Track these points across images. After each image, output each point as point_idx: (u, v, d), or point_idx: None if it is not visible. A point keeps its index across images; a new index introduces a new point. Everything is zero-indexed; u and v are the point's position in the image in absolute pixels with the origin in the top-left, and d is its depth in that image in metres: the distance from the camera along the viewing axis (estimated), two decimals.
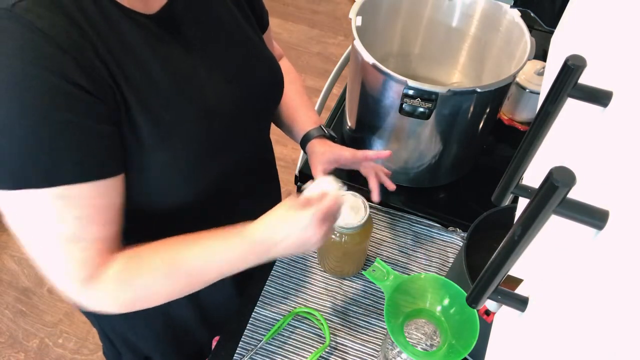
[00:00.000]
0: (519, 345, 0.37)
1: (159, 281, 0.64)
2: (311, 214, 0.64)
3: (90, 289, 0.61)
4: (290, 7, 2.93)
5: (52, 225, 0.57)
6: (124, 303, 0.65)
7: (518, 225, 0.30)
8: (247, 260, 0.66)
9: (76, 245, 0.58)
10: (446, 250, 0.98)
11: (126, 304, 0.65)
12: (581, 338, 0.27)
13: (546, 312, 0.33)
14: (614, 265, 0.26)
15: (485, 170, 1.12)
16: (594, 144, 0.35)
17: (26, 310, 1.77)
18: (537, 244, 0.34)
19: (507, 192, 0.42)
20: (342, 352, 0.86)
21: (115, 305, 0.65)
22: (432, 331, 0.76)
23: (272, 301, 0.91)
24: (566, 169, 0.26)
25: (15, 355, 1.67)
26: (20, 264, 1.87)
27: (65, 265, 0.60)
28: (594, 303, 0.27)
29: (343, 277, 0.94)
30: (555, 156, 0.44)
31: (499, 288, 0.37)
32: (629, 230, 0.25)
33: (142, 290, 0.64)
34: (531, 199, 0.28)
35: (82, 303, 0.63)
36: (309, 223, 0.64)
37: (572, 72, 0.33)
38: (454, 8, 1.05)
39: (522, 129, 1.20)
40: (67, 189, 0.55)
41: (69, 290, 0.61)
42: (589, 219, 0.28)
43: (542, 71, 1.13)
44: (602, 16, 0.47)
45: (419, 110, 0.86)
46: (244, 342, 0.87)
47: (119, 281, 0.62)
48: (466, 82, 1.14)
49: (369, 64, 0.88)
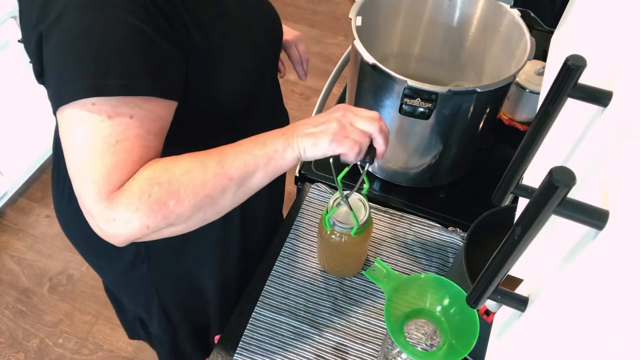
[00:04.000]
0: (519, 345, 0.37)
1: (191, 171, 0.60)
2: (342, 106, 0.67)
3: (115, 198, 0.57)
4: (290, 7, 2.93)
5: (97, 126, 0.57)
6: (154, 202, 0.58)
7: (518, 225, 0.30)
8: (276, 138, 0.64)
9: (112, 147, 0.57)
10: (446, 250, 0.98)
11: (156, 204, 0.58)
12: (581, 338, 0.27)
13: (546, 312, 0.33)
14: (614, 265, 0.26)
15: (485, 170, 1.12)
16: (593, 143, 0.35)
17: (26, 310, 1.77)
18: (537, 244, 0.34)
19: (507, 192, 0.42)
20: (342, 352, 0.86)
21: (143, 210, 0.57)
22: (432, 331, 0.76)
23: (272, 301, 0.91)
24: (566, 169, 0.26)
25: (15, 355, 1.67)
26: (20, 264, 1.87)
27: (94, 172, 0.57)
28: (594, 303, 0.27)
29: (343, 277, 0.94)
30: (555, 156, 0.44)
31: (499, 288, 0.37)
32: (629, 230, 0.25)
33: (173, 182, 0.59)
34: (531, 199, 0.28)
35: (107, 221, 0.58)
36: (334, 110, 0.67)
37: (572, 72, 0.33)
38: (454, 8, 1.05)
39: (522, 129, 1.20)
40: (139, 100, 0.58)
41: (93, 204, 0.57)
42: (589, 219, 0.28)
43: (542, 71, 1.13)
44: (602, 16, 0.47)
45: (419, 110, 0.86)
46: (244, 342, 0.87)
47: (146, 180, 0.58)
48: (466, 82, 1.14)
49: (369, 64, 0.88)
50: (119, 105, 0.57)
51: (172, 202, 0.58)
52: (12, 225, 1.97)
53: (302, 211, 1.03)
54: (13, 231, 1.95)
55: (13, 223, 1.97)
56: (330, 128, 0.64)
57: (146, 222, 0.58)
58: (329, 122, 0.65)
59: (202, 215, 0.62)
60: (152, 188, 0.57)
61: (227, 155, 0.62)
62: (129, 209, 0.57)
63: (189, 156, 0.61)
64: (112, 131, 0.57)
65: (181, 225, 0.61)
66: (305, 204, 1.04)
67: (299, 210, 1.03)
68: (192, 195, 0.59)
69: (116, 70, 0.56)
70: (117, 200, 0.57)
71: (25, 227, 1.95)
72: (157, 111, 0.60)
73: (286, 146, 0.63)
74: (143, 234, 0.59)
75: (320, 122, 0.65)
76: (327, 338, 0.87)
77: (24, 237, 1.93)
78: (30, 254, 1.89)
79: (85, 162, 0.57)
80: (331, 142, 0.63)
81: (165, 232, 0.61)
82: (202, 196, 0.60)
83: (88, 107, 0.56)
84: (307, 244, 0.99)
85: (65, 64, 0.57)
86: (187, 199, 0.59)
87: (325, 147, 0.64)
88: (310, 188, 1.06)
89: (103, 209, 0.57)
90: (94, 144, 0.56)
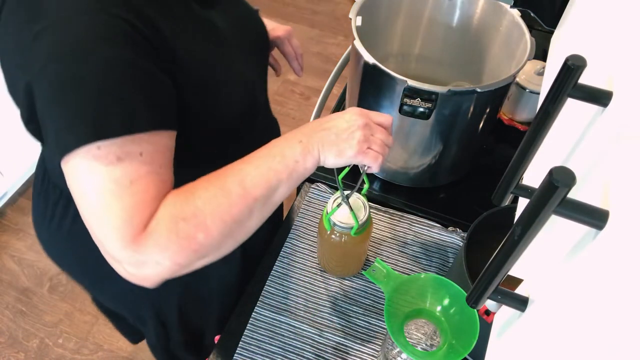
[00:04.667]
0: (519, 345, 0.37)
1: (214, 199, 0.57)
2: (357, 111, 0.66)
3: (142, 241, 0.55)
4: (290, 7, 2.93)
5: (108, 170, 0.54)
6: (183, 239, 0.56)
7: (518, 225, 0.30)
8: (293, 147, 0.62)
9: (128, 189, 0.55)
10: (446, 250, 0.98)
11: (185, 241, 0.56)
12: (581, 338, 0.27)
13: (546, 312, 0.33)
14: (614, 265, 0.26)
15: (485, 170, 1.12)
16: (593, 143, 0.35)
17: (26, 310, 1.77)
18: (537, 244, 0.34)
19: (507, 192, 0.42)
20: (342, 352, 0.86)
21: (173, 249, 0.55)
22: (432, 331, 0.76)
23: (272, 301, 0.91)
24: (566, 169, 0.26)
25: (15, 355, 1.67)
26: (20, 264, 1.87)
27: (115, 217, 0.54)
28: (594, 303, 0.27)
29: (343, 277, 0.94)
30: (555, 156, 0.44)
31: (499, 288, 0.37)
32: (629, 230, 0.25)
33: (198, 214, 0.57)
34: (531, 199, 0.28)
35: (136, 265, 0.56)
36: (352, 116, 0.65)
37: (572, 72, 0.33)
38: (454, 8, 1.05)
39: (522, 129, 1.20)
40: (145, 135, 0.55)
41: (119, 251, 0.55)
42: (589, 219, 0.28)
43: (542, 71, 1.13)
44: (602, 16, 0.47)
45: (419, 110, 0.86)
46: (244, 342, 0.87)
47: (170, 217, 0.55)
48: (466, 82, 1.14)
49: (369, 64, 0.88)
50: (125, 144, 0.54)
51: (201, 234, 0.56)
52: (12, 225, 1.97)
53: (302, 211, 1.03)
54: (13, 231, 1.95)
55: (13, 223, 1.97)
56: (354, 138, 0.63)
57: (178, 260, 0.56)
58: (352, 132, 0.63)
59: (233, 241, 0.61)
60: (178, 225, 0.55)
61: (247, 175, 0.59)
62: (158, 250, 0.55)
63: (206, 182, 0.59)
64: (124, 172, 0.54)
65: (213, 254, 0.59)
66: (305, 204, 1.04)
67: (299, 210, 1.03)
68: (220, 223, 0.57)
69: (116, 110, 0.54)
70: (145, 243, 0.54)
71: (25, 227, 1.95)
72: (164, 142, 0.58)
73: (306, 154, 0.62)
74: (175, 272, 0.57)
75: (341, 129, 0.64)
76: (327, 338, 0.87)
77: (24, 237, 1.93)
78: (30, 254, 1.89)
79: (102, 209, 0.54)
80: (357, 155, 0.63)
81: (197, 264, 0.59)
82: (229, 222, 0.58)
83: (94, 153, 0.53)
84: (307, 244, 0.99)
85: (61, 112, 0.54)
86: (216, 228, 0.57)
87: (350, 159, 0.63)
88: (310, 188, 1.06)
89: (131, 253, 0.54)
90: (109, 189, 0.54)
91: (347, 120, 0.65)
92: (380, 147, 0.65)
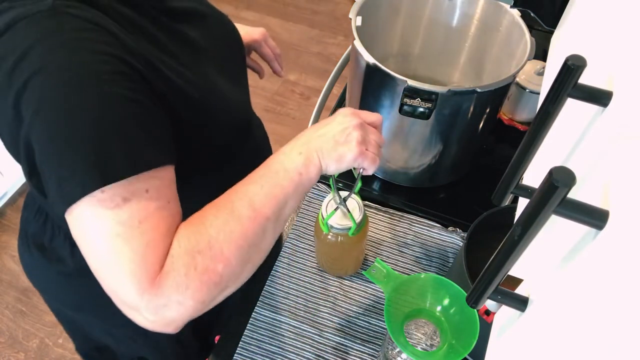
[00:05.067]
0: (519, 346, 0.37)
1: (226, 226, 0.55)
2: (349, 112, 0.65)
3: (160, 282, 0.51)
4: (290, 7, 2.93)
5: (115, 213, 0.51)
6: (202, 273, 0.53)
7: (518, 225, 0.30)
8: (294, 160, 0.61)
9: (137, 229, 0.52)
10: (446, 250, 0.98)
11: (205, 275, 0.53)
12: (581, 338, 0.27)
13: (546, 312, 0.33)
14: (614, 265, 0.26)
15: (485, 170, 1.12)
16: (593, 143, 0.35)
17: (26, 310, 1.77)
18: (537, 244, 0.34)
19: (507, 192, 0.42)
20: (342, 352, 0.86)
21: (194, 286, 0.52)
22: (432, 331, 0.76)
23: (272, 301, 0.91)
24: (566, 169, 0.26)
25: (15, 355, 1.67)
26: (20, 264, 1.87)
27: (127, 262, 0.51)
28: (594, 303, 0.27)
29: (342, 277, 0.94)
30: (555, 156, 0.44)
31: (499, 288, 0.37)
32: (629, 230, 0.25)
33: (213, 244, 0.54)
34: (531, 199, 0.28)
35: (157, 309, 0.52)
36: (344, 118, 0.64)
37: (572, 72, 0.33)
38: (454, 8, 1.05)
39: (522, 129, 1.20)
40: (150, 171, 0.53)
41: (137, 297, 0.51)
42: (589, 219, 0.28)
43: (542, 71, 1.13)
44: (602, 16, 0.47)
45: (419, 110, 0.86)
46: (244, 342, 0.87)
47: (186, 252, 0.53)
48: (466, 82, 1.14)
49: (369, 64, 0.88)
50: (131, 183, 0.51)
51: (220, 265, 0.54)
52: (12, 225, 1.97)
53: (301, 211, 1.03)
54: (13, 231, 1.95)
55: (13, 223, 1.97)
56: (352, 140, 0.63)
57: (200, 297, 0.53)
58: (349, 134, 0.63)
59: (251, 266, 0.59)
60: (195, 259, 0.53)
61: (254, 195, 0.58)
62: (178, 290, 0.52)
63: (214, 209, 0.57)
64: (131, 213, 0.51)
65: (234, 283, 0.57)
66: (305, 203, 1.04)
67: (299, 210, 1.03)
68: (237, 250, 0.55)
69: (119, 149, 0.51)
70: (163, 284, 0.51)
71: None
72: (168, 176, 0.56)
73: (308, 164, 0.61)
74: (199, 310, 0.54)
75: (337, 131, 0.63)
76: (327, 338, 0.87)
77: None
78: None
79: (113, 255, 0.51)
80: (356, 159, 0.63)
81: (219, 298, 0.56)
82: (246, 247, 0.56)
83: (98, 197, 0.50)
84: (307, 244, 0.99)
85: (60, 161, 0.51)
86: (233, 255, 0.55)
87: (350, 163, 0.63)
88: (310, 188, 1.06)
89: (150, 298, 0.51)
90: (117, 233, 0.51)
91: (341, 122, 0.64)
92: (376, 149, 0.65)
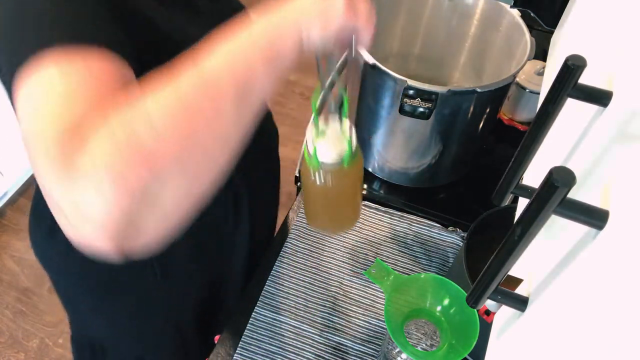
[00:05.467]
0: (519, 346, 0.37)
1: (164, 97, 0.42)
2: None
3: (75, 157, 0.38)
4: None
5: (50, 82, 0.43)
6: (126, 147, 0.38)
7: (518, 225, 0.30)
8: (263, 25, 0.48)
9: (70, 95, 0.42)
10: (446, 250, 0.98)
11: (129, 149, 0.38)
12: (581, 338, 0.27)
13: (546, 312, 0.33)
14: (614, 265, 0.26)
15: (485, 170, 1.12)
16: (593, 144, 0.35)
17: (26, 310, 1.77)
18: (537, 244, 0.34)
19: (507, 192, 0.42)
20: (342, 352, 0.86)
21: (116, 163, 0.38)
22: (432, 331, 0.76)
23: (272, 301, 0.91)
24: (566, 169, 0.26)
25: (15, 355, 1.67)
26: (20, 264, 1.87)
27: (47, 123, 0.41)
28: (594, 303, 0.27)
29: (342, 275, 0.94)
30: (555, 156, 0.44)
31: (499, 288, 0.37)
32: (629, 230, 0.25)
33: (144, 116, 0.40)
34: (531, 199, 0.28)
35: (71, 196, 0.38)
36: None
37: (572, 72, 0.33)
38: (454, 8, 1.05)
39: (522, 129, 1.20)
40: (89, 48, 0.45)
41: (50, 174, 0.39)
42: (589, 219, 0.28)
43: (542, 71, 1.13)
44: (602, 16, 0.47)
45: (419, 110, 0.86)
46: (244, 342, 0.87)
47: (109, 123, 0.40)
48: (466, 82, 1.14)
49: (369, 64, 0.88)
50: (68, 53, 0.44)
51: (149, 140, 0.39)
52: (12, 225, 1.97)
53: (302, 211, 1.03)
54: (13, 231, 1.95)
55: (13, 223, 1.97)
56: (337, 2, 0.50)
57: (125, 183, 0.38)
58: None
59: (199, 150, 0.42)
60: (118, 130, 0.39)
61: (206, 62, 0.44)
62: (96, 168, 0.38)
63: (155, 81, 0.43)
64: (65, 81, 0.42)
65: (174, 168, 0.40)
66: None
67: (299, 210, 1.03)
68: (172, 121, 0.41)
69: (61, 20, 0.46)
70: (78, 161, 0.38)
71: (25, 227, 1.95)
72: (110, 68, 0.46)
73: (282, 31, 0.48)
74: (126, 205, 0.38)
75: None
76: (327, 338, 0.87)
77: (24, 237, 1.93)
78: (30, 254, 1.88)
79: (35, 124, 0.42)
80: (346, 15, 0.49)
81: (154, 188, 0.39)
82: (186, 120, 0.41)
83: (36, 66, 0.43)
84: (307, 244, 0.99)
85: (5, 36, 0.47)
86: (166, 128, 0.40)
87: (340, 24, 0.49)
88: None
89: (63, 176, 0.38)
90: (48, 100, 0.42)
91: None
92: (368, 12, 0.52)
